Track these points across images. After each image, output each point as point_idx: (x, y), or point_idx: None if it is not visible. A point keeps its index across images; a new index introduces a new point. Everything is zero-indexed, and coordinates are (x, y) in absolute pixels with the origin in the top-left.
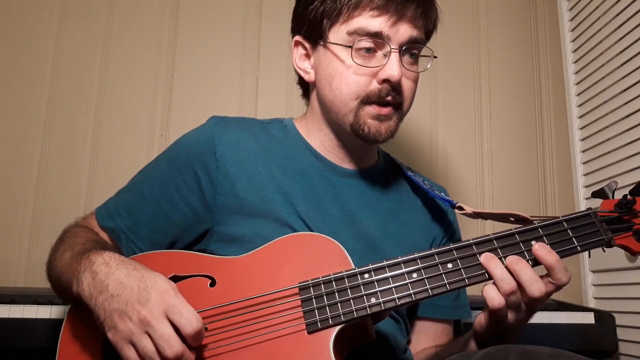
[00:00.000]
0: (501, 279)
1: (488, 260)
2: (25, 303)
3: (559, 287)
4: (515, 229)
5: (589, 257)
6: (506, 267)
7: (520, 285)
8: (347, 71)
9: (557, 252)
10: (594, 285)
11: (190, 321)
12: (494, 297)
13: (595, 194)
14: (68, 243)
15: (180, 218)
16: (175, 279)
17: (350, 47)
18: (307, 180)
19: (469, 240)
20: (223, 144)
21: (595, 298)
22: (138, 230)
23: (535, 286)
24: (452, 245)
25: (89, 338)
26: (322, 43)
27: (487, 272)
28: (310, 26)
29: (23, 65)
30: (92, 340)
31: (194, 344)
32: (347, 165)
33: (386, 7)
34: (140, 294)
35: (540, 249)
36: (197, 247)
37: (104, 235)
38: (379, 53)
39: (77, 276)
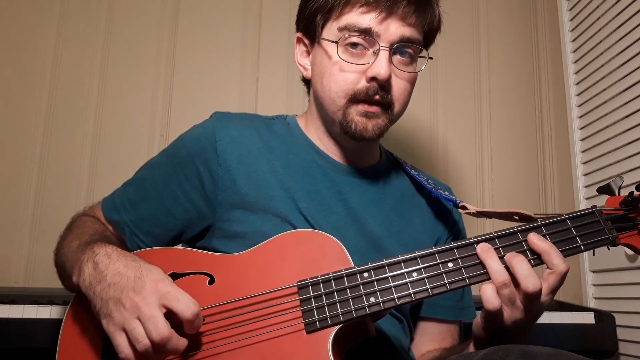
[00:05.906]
0: (495, 270)
1: (484, 251)
2: (25, 303)
3: (559, 277)
4: (517, 227)
5: (594, 254)
6: (504, 261)
7: (515, 280)
8: (335, 67)
9: (560, 252)
10: (594, 285)
11: (188, 305)
12: (489, 297)
13: (601, 190)
14: (76, 232)
15: (182, 214)
16: (174, 276)
17: (337, 42)
18: (309, 177)
19: (470, 238)
20: (224, 139)
21: (595, 298)
22: (141, 224)
23: (530, 281)
24: (453, 244)
25: (88, 337)
26: (317, 40)
27: (482, 263)
28: (307, 23)
29: (23, 66)
30: (91, 340)
31: (193, 330)
32: (348, 163)
33: (376, 3)
34: (136, 282)
35: (533, 236)
36: (200, 243)
37: (109, 226)
38: (369, 51)
39: (80, 266)
